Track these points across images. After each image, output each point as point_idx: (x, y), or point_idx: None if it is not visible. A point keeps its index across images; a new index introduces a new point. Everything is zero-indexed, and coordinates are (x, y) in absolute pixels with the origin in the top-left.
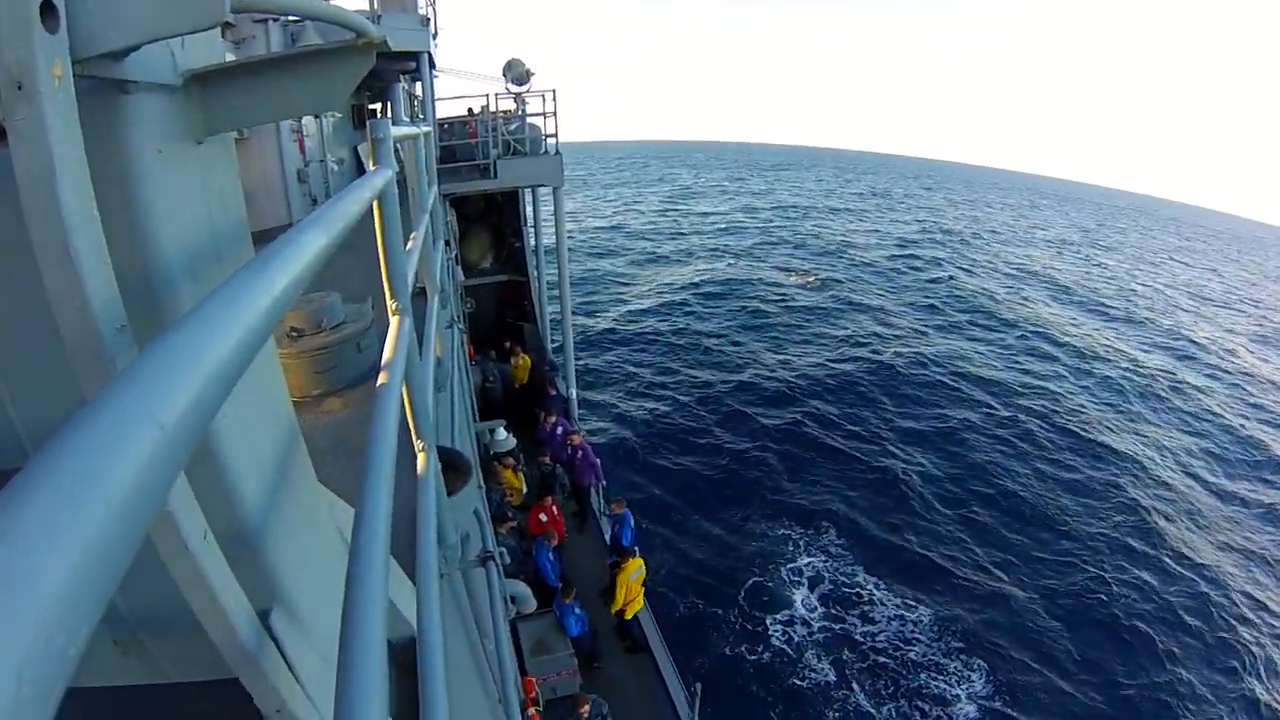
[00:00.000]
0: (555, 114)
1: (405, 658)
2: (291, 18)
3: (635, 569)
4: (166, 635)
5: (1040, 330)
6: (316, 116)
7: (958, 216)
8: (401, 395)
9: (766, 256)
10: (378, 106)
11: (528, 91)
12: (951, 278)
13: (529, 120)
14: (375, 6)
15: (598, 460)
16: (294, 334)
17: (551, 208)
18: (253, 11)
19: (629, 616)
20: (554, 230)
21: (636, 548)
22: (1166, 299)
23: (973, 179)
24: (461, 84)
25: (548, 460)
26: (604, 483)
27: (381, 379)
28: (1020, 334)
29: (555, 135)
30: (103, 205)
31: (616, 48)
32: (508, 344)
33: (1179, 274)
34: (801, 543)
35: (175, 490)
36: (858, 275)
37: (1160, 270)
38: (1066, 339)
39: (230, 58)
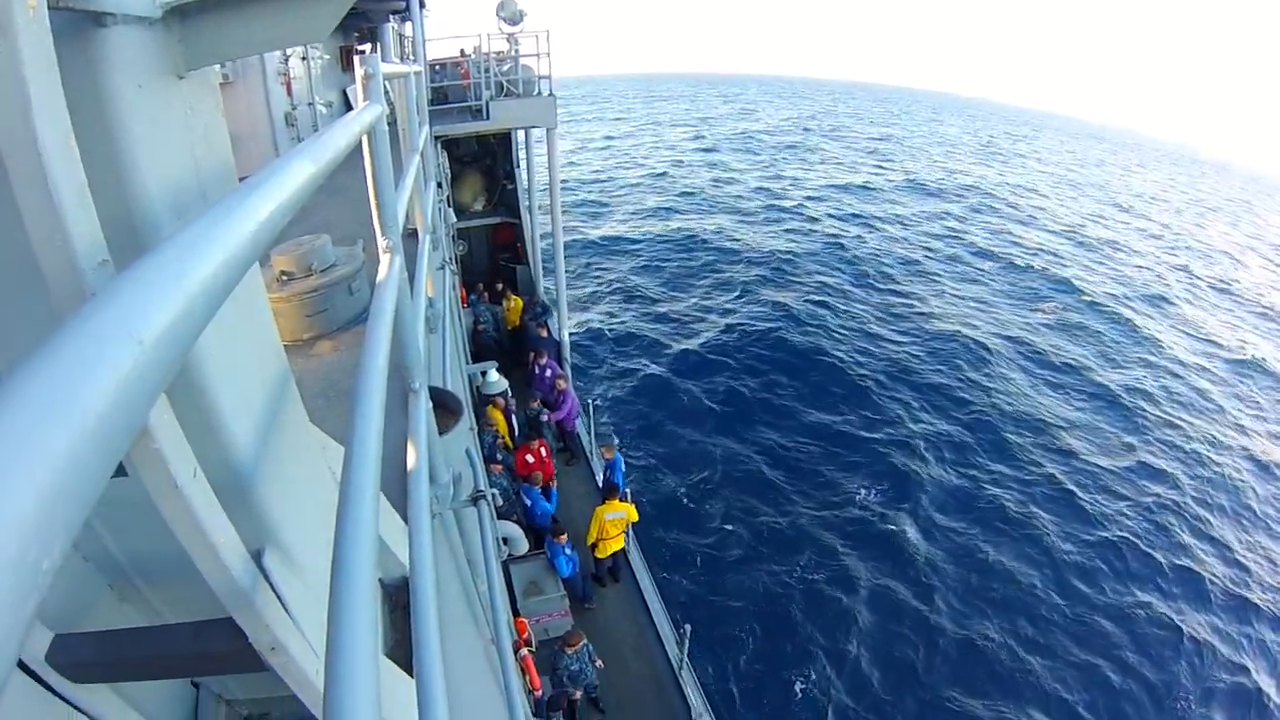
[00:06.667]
0: (549, 55)
1: (399, 597)
2: None
3: (615, 510)
4: (161, 578)
5: None
6: (304, 57)
7: None
8: (391, 333)
9: None
10: (366, 48)
11: (521, 32)
12: None
13: (522, 61)
14: None
15: (578, 403)
16: (284, 278)
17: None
18: None
19: (602, 555)
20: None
21: (627, 491)
22: None
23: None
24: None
25: (536, 404)
26: (590, 422)
27: (372, 317)
28: None
29: (549, 76)
30: (82, 141)
31: None
32: (499, 286)
33: None
34: (814, 485)
35: (164, 427)
36: None
37: None
38: None
39: None
